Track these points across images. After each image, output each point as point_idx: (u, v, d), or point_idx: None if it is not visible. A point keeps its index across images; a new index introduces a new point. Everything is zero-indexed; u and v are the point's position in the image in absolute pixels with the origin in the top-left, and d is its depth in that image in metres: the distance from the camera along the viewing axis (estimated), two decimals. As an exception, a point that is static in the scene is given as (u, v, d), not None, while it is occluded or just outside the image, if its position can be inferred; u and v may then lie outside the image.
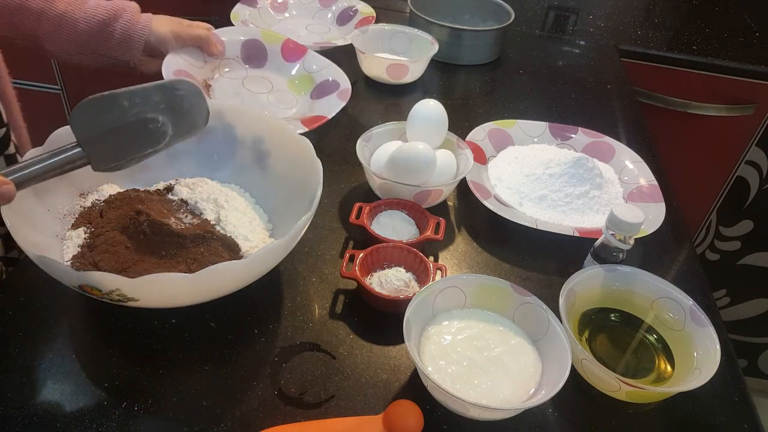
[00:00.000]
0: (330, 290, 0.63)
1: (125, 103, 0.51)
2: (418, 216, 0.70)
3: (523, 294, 0.56)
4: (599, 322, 0.60)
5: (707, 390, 0.52)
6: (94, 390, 0.52)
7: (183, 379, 0.53)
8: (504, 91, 1.07)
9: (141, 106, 0.52)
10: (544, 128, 0.89)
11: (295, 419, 0.50)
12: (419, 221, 0.69)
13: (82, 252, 0.58)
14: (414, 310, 0.53)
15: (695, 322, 0.57)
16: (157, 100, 0.52)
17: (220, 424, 0.50)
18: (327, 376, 0.54)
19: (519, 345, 0.55)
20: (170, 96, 0.53)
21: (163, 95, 0.52)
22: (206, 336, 0.57)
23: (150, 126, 0.53)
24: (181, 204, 0.64)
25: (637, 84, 1.22)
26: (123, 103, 0.51)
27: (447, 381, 0.51)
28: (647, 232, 0.70)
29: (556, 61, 1.20)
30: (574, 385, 0.55)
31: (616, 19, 1.38)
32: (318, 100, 0.90)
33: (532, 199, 0.76)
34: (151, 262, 0.57)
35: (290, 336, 0.58)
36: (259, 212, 0.67)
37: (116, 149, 0.53)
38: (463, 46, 1.10)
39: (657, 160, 0.88)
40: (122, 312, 0.56)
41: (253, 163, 0.68)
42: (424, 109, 0.76)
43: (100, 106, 0.51)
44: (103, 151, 0.52)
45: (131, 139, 0.53)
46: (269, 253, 0.52)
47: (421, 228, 0.69)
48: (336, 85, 0.91)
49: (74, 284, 0.49)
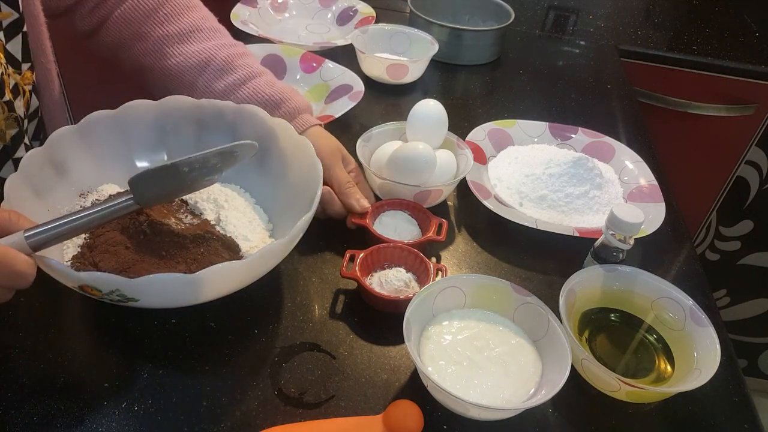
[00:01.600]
0: (330, 290, 0.63)
1: (184, 169, 0.53)
2: (420, 216, 0.70)
3: (523, 294, 0.56)
4: (599, 322, 0.60)
5: (707, 390, 0.52)
6: (94, 390, 0.52)
7: (183, 379, 0.53)
8: (504, 91, 1.07)
9: (199, 170, 0.54)
10: (544, 128, 0.89)
11: (295, 419, 0.50)
12: (422, 222, 0.69)
13: (82, 252, 0.58)
14: (414, 310, 0.53)
15: (695, 322, 0.57)
16: (215, 163, 0.54)
17: (220, 424, 0.50)
18: (327, 376, 0.54)
19: (519, 345, 0.55)
20: (228, 158, 0.55)
21: (221, 158, 0.54)
22: (206, 336, 0.57)
23: (204, 181, 0.56)
24: (181, 204, 0.64)
25: (637, 84, 1.22)
26: (182, 169, 0.53)
27: (447, 381, 0.51)
28: (647, 232, 0.70)
29: (556, 61, 1.20)
30: (574, 385, 0.55)
31: (616, 19, 1.39)
32: (331, 103, 0.91)
33: (532, 199, 0.76)
34: (151, 262, 0.57)
35: (290, 336, 0.58)
36: (259, 212, 0.67)
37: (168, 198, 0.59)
38: (463, 46, 1.10)
39: (657, 160, 0.88)
40: (122, 312, 0.56)
41: (253, 163, 0.68)
42: (424, 109, 0.76)
43: (161, 176, 0.53)
44: (156, 200, 0.56)
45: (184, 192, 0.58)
46: (269, 253, 0.52)
47: (423, 229, 0.69)
48: (349, 88, 0.91)
49: (74, 284, 0.49)
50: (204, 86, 0.69)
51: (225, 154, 0.54)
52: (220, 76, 0.69)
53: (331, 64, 0.96)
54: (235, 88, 0.69)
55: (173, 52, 0.70)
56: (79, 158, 0.63)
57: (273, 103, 0.69)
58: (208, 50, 0.70)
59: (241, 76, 0.69)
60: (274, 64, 0.97)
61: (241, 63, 0.70)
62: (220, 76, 0.69)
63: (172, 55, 0.70)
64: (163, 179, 0.53)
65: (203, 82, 0.69)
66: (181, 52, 0.70)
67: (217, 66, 0.69)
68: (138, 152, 0.67)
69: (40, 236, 0.47)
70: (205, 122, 0.68)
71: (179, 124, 0.68)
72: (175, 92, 0.69)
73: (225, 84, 0.69)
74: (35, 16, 0.63)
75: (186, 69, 0.69)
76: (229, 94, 0.69)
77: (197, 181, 0.55)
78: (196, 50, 0.70)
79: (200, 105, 0.68)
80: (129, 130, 0.66)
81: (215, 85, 0.69)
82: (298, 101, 0.70)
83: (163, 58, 0.70)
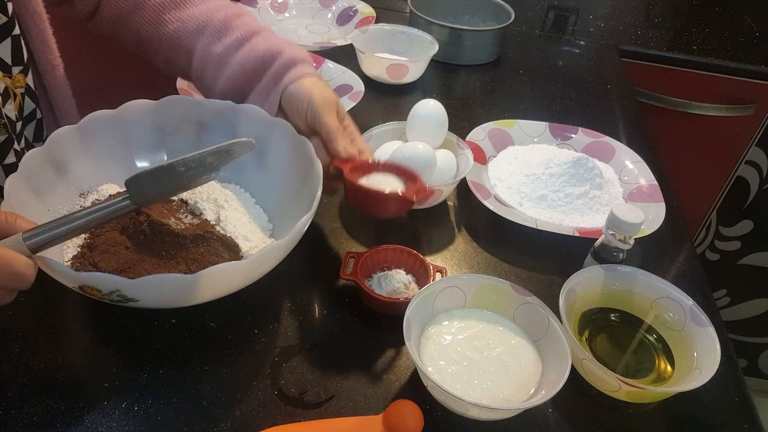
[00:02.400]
0: (330, 290, 0.63)
1: (181, 169, 0.53)
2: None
3: (523, 294, 0.56)
4: (599, 322, 0.60)
5: (707, 390, 0.52)
6: (94, 390, 0.52)
7: (183, 379, 0.53)
8: (504, 91, 1.07)
9: (196, 170, 0.54)
10: (544, 128, 0.89)
11: (295, 419, 0.50)
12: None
13: (82, 252, 0.58)
14: (414, 310, 0.53)
15: (695, 322, 0.57)
16: (211, 161, 0.54)
17: (220, 424, 0.50)
18: (327, 376, 0.54)
19: (519, 345, 0.55)
20: (225, 156, 0.55)
21: (218, 157, 0.54)
22: (206, 336, 0.57)
23: (201, 179, 0.55)
24: (181, 204, 0.64)
25: (637, 84, 1.22)
26: (179, 169, 0.53)
27: (447, 381, 0.51)
28: (647, 232, 0.70)
29: (556, 61, 1.20)
30: (574, 385, 0.55)
31: (616, 19, 1.39)
32: None
33: (532, 199, 0.76)
34: (151, 263, 0.57)
35: (290, 336, 0.58)
36: (259, 212, 0.67)
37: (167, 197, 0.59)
38: (463, 46, 1.10)
39: (657, 160, 0.88)
40: (122, 312, 0.56)
41: (253, 163, 0.68)
42: (424, 109, 0.76)
43: (157, 176, 0.52)
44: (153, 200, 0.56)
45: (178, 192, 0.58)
46: (269, 254, 0.52)
47: None
48: (349, 88, 0.91)
49: (74, 284, 0.49)
50: (202, 51, 0.67)
51: (221, 153, 0.54)
52: (217, 38, 0.67)
53: (331, 64, 0.96)
54: (233, 50, 0.66)
55: (170, 18, 0.68)
56: (78, 158, 0.63)
57: (268, 56, 0.66)
58: (205, 13, 0.68)
59: (238, 37, 0.67)
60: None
61: (237, 23, 0.68)
62: (217, 39, 0.67)
63: (170, 22, 0.68)
64: (160, 179, 0.53)
65: (201, 47, 0.67)
66: (179, 17, 0.68)
67: (215, 29, 0.67)
68: (138, 152, 0.67)
69: (37, 237, 0.47)
70: (205, 122, 0.68)
71: (179, 124, 0.68)
72: (176, 61, 0.69)
73: (223, 47, 0.67)
74: (38, 14, 0.63)
75: (184, 34, 0.68)
76: (227, 58, 0.67)
77: (194, 180, 0.55)
78: (192, 14, 0.68)
79: (200, 105, 0.68)
80: (129, 130, 0.66)
81: (213, 48, 0.67)
82: (293, 51, 0.67)
83: (161, 25, 0.68)
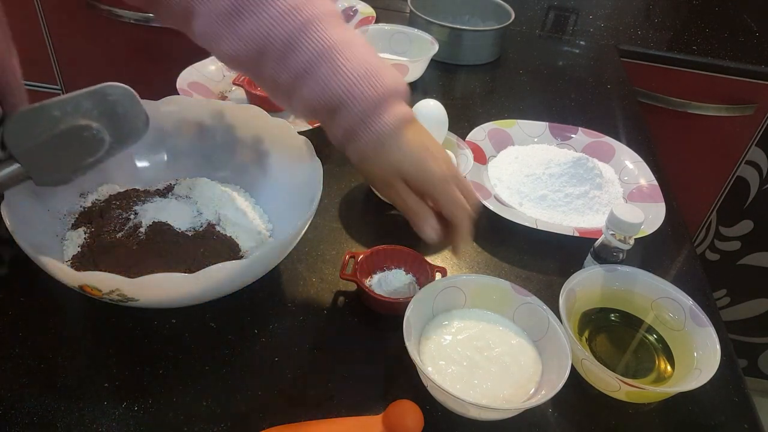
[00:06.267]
0: (330, 290, 0.63)
1: (56, 113, 0.49)
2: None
3: (523, 294, 0.56)
4: (599, 322, 0.60)
5: (707, 390, 0.52)
6: (94, 390, 0.52)
7: (183, 378, 0.53)
8: (504, 91, 1.07)
9: (72, 115, 0.50)
10: (544, 128, 0.89)
11: (295, 419, 0.50)
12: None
13: (82, 252, 0.58)
14: (414, 310, 0.53)
15: (695, 322, 0.57)
16: (88, 107, 0.51)
17: (220, 424, 0.50)
18: (327, 376, 0.54)
19: (519, 345, 0.55)
20: (102, 102, 0.51)
21: (94, 102, 0.51)
22: (206, 336, 0.57)
23: (84, 134, 0.51)
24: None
25: (637, 84, 1.22)
26: (54, 113, 0.49)
27: (447, 381, 0.51)
28: (647, 232, 0.70)
29: (556, 61, 1.20)
30: (574, 385, 0.54)
31: (616, 19, 1.38)
32: None
33: (532, 199, 0.76)
34: (151, 262, 0.57)
35: (290, 336, 0.58)
36: (259, 212, 0.67)
37: (54, 161, 0.51)
38: (463, 46, 1.10)
39: (657, 160, 0.88)
40: (122, 312, 0.56)
41: (253, 163, 0.68)
42: (424, 109, 0.76)
43: (31, 119, 0.49)
44: (41, 164, 0.50)
45: (68, 149, 0.51)
46: (269, 253, 0.52)
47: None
48: None
49: (74, 284, 0.49)
50: (269, 78, 0.54)
51: (96, 95, 0.50)
52: (281, 63, 0.53)
53: None
54: (299, 82, 0.53)
55: (228, 34, 0.53)
56: (79, 158, 0.62)
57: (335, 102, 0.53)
58: (263, 29, 0.52)
59: (303, 64, 0.52)
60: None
61: (301, 41, 0.52)
62: (281, 64, 0.53)
63: (228, 38, 0.53)
64: (36, 124, 0.49)
65: (267, 74, 0.54)
66: (237, 34, 0.53)
67: (276, 52, 0.52)
68: (138, 152, 0.68)
69: None
70: (205, 122, 0.68)
71: (179, 124, 0.68)
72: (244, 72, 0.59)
73: (288, 77, 0.53)
74: None
75: (244, 57, 0.54)
76: (293, 92, 0.54)
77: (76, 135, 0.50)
78: (249, 30, 0.52)
79: (200, 105, 0.69)
80: (129, 130, 0.66)
81: (278, 77, 0.53)
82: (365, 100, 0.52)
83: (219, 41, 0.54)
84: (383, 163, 0.54)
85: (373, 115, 0.53)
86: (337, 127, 0.54)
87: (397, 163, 0.54)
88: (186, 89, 0.84)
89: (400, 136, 0.54)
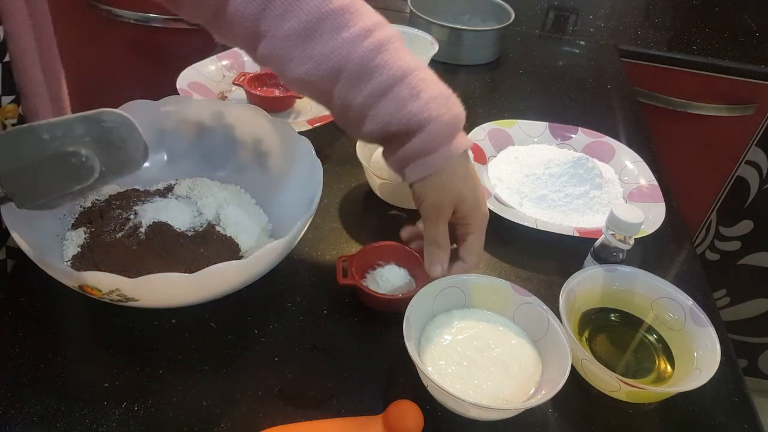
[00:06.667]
0: (330, 290, 0.63)
1: (45, 136, 0.47)
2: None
3: (523, 294, 0.56)
4: (599, 322, 0.60)
5: (707, 390, 0.52)
6: (94, 390, 0.52)
7: (183, 379, 0.53)
8: (504, 91, 1.07)
9: (62, 140, 0.47)
10: (544, 128, 0.89)
11: (295, 419, 0.50)
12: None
13: (82, 252, 0.58)
14: (414, 310, 0.53)
15: (695, 322, 0.57)
16: (80, 133, 0.48)
17: (220, 424, 0.50)
18: (327, 376, 0.54)
19: (519, 345, 0.55)
20: (95, 128, 0.49)
21: (87, 128, 0.48)
22: (206, 336, 0.57)
23: (72, 160, 0.48)
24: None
25: (637, 84, 1.22)
26: (43, 136, 0.47)
27: (447, 381, 0.51)
28: (647, 232, 0.70)
29: (556, 61, 1.20)
30: (574, 385, 0.55)
31: (616, 19, 1.38)
32: None
33: (532, 199, 0.76)
34: (151, 262, 0.57)
35: (290, 336, 0.58)
36: (259, 212, 0.67)
37: (38, 185, 0.49)
38: (463, 46, 1.10)
39: (657, 160, 0.88)
40: (122, 312, 0.56)
41: (253, 163, 0.68)
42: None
43: (17, 140, 0.47)
44: (24, 187, 0.48)
45: (53, 175, 0.49)
46: (269, 253, 0.52)
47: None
48: None
49: (74, 284, 0.49)
50: (341, 99, 0.54)
51: (90, 121, 0.48)
52: (356, 85, 0.53)
53: None
54: (376, 103, 0.53)
55: (298, 56, 0.53)
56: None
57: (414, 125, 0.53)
58: (339, 51, 0.52)
59: (381, 85, 0.52)
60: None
61: (379, 62, 0.52)
62: (356, 86, 0.53)
63: (299, 60, 0.53)
64: (22, 145, 0.47)
65: (339, 95, 0.54)
66: (309, 56, 0.53)
67: (352, 74, 0.52)
68: (138, 152, 0.67)
69: None
70: (205, 122, 0.68)
71: (179, 124, 0.68)
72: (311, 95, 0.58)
73: (362, 98, 0.53)
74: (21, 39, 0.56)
75: (315, 78, 0.53)
76: (367, 110, 0.53)
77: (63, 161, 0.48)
78: (324, 53, 0.52)
79: (200, 105, 0.69)
80: (129, 130, 0.66)
81: (352, 99, 0.53)
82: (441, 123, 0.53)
83: (288, 63, 0.54)
84: (447, 188, 0.55)
85: (448, 139, 0.54)
86: (409, 148, 0.53)
87: (458, 192, 0.55)
88: (186, 89, 0.84)
89: (467, 165, 0.56)
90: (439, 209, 0.55)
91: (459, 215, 0.56)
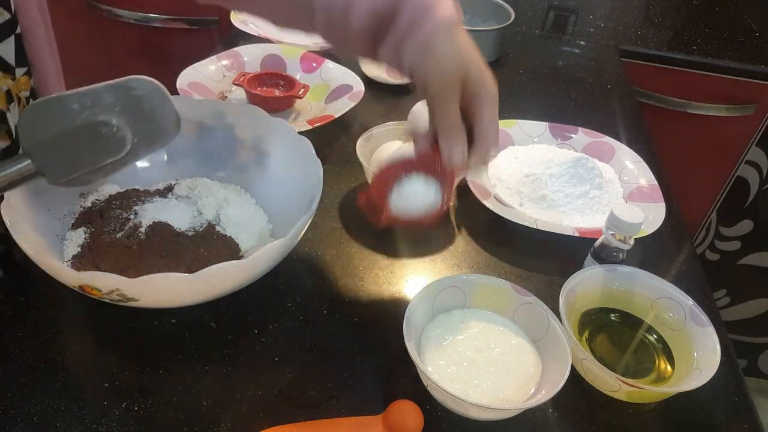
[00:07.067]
0: (330, 290, 0.63)
1: (74, 106, 0.45)
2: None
3: (523, 294, 0.56)
4: (599, 322, 0.60)
5: (707, 390, 0.52)
6: (94, 390, 0.52)
7: (183, 379, 0.53)
8: (504, 91, 1.06)
9: (91, 109, 0.46)
10: (544, 128, 0.89)
11: (295, 419, 0.50)
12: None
13: (82, 252, 0.58)
14: (414, 310, 0.53)
15: (695, 322, 0.57)
16: (110, 102, 0.46)
17: (220, 424, 0.50)
18: (327, 376, 0.54)
19: (519, 345, 0.55)
20: (126, 97, 0.47)
21: (117, 96, 0.46)
22: (206, 336, 0.57)
23: (103, 131, 0.46)
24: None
25: (637, 84, 1.22)
26: (72, 105, 0.45)
27: (447, 381, 0.51)
28: (647, 232, 0.70)
29: (556, 61, 1.20)
30: (574, 385, 0.55)
31: (616, 19, 1.38)
32: (331, 103, 0.91)
33: (532, 199, 0.76)
34: (151, 262, 0.57)
35: (290, 336, 0.58)
36: (259, 212, 0.67)
37: (70, 159, 0.47)
38: (463, 46, 1.10)
39: (657, 160, 0.88)
40: (122, 312, 0.56)
41: (253, 163, 0.68)
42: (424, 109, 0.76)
43: (46, 111, 0.45)
44: (56, 162, 0.46)
45: (84, 147, 0.47)
46: (269, 253, 0.52)
47: None
48: (349, 88, 0.91)
49: (74, 284, 0.49)
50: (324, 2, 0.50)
51: (120, 88, 0.47)
52: None
53: (331, 64, 0.96)
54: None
55: None
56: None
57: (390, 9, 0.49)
58: None
59: None
60: (274, 63, 0.97)
61: None
62: None
63: None
64: (52, 116, 0.45)
65: None
66: None
67: None
68: (138, 152, 0.67)
69: None
70: (205, 122, 0.68)
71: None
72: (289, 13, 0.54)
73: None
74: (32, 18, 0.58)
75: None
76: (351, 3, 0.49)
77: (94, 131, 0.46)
78: None
79: (200, 105, 0.69)
80: (129, 130, 0.66)
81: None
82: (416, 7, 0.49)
83: None
84: (450, 60, 0.51)
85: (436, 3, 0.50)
86: (399, 26, 0.50)
87: (461, 61, 0.51)
88: (186, 89, 0.84)
89: (462, 34, 0.51)
90: (446, 86, 0.51)
91: (468, 86, 0.52)
